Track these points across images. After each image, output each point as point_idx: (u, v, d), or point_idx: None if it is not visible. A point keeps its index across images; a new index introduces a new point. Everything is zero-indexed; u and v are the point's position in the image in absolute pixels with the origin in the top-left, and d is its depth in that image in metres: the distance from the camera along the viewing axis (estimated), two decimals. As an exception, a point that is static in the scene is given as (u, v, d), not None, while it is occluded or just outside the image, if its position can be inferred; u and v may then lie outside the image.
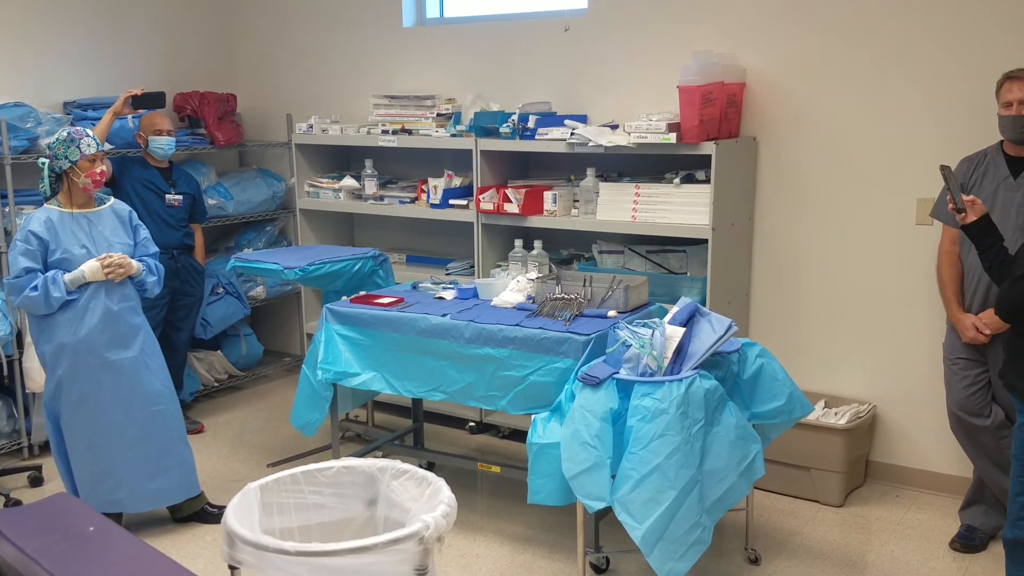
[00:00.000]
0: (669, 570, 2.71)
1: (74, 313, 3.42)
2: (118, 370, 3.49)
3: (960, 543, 3.46)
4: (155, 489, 3.59)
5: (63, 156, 3.40)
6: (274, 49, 5.59)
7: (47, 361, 3.49)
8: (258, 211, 5.37)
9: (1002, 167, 3.26)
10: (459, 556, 3.48)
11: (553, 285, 3.57)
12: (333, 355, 3.66)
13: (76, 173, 3.42)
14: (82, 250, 3.43)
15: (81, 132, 3.44)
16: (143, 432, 3.54)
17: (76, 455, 3.53)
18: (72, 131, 3.42)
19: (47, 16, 4.79)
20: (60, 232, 3.41)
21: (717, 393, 2.86)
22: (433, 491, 2.41)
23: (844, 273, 4.03)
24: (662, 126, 3.82)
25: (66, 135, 3.41)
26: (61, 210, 3.46)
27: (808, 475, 3.84)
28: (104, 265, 3.40)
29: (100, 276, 3.40)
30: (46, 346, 3.47)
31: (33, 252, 3.37)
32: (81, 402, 3.47)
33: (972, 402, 3.35)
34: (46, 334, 3.46)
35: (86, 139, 3.42)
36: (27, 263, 3.35)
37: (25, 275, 3.35)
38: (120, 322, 3.50)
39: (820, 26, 3.92)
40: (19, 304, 3.40)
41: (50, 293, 3.34)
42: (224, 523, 2.25)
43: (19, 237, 3.39)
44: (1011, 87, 3.17)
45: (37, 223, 3.40)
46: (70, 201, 3.48)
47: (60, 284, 3.36)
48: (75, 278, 3.38)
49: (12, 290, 3.37)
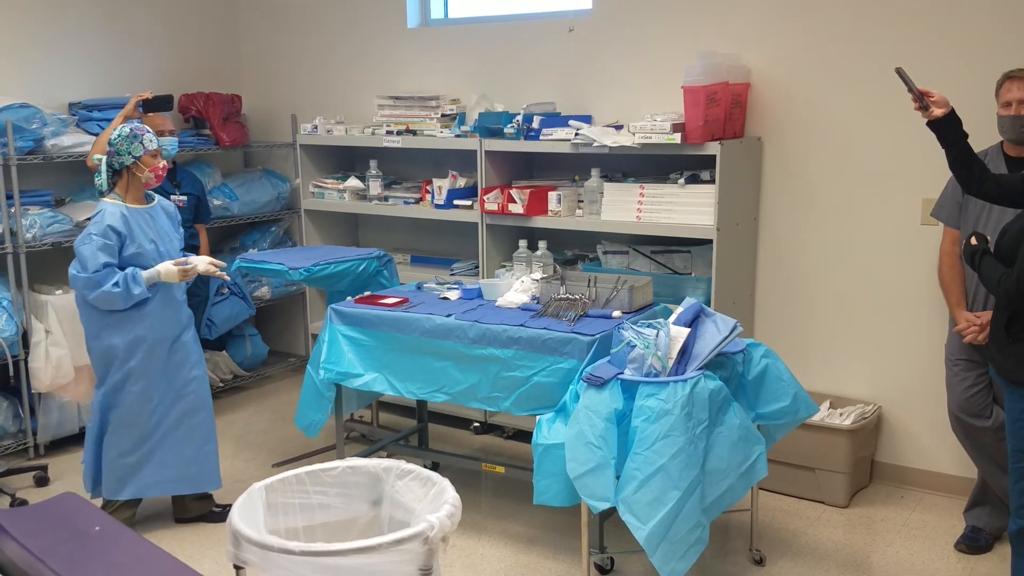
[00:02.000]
0: (671, 570, 2.71)
1: (153, 307, 3.49)
2: (176, 359, 3.59)
3: (965, 544, 3.45)
4: (194, 474, 3.66)
5: (126, 152, 3.44)
6: (279, 50, 5.60)
7: (118, 354, 3.50)
8: (263, 212, 5.38)
9: (1001, 167, 3.25)
10: (463, 556, 3.48)
11: (557, 285, 3.57)
12: (336, 355, 3.66)
13: (140, 168, 3.46)
14: (151, 245, 3.50)
15: (142, 128, 3.48)
16: (183, 418, 3.63)
17: (120, 445, 3.58)
18: (134, 127, 3.47)
19: (52, 17, 4.80)
20: (133, 227, 3.46)
21: (721, 394, 2.85)
22: (438, 491, 2.41)
23: (849, 273, 4.02)
24: (667, 126, 3.82)
25: (128, 131, 3.45)
26: (127, 205, 3.49)
27: (813, 476, 3.83)
28: (183, 271, 3.47)
29: (174, 278, 3.47)
30: (117, 339, 3.48)
31: (111, 247, 3.39)
32: (144, 392, 3.54)
33: (973, 403, 3.35)
34: (119, 328, 3.48)
35: (147, 135, 3.47)
36: (106, 258, 3.37)
37: (103, 270, 3.37)
38: (182, 312, 3.63)
39: (825, 26, 3.92)
40: (94, 299, 3.40)
41: (131, 290, 3.38)
42: (229, 523, 2.25)
43: (96, 232, 3.39)
44: (1011, 87, 3.16)
45: (113, 218, 3.41)
46: (132, 197, 3.51)
47: (140, 281, 3.40)
48: (151, 276, 3.44)
49: (89, 285, 3.37)
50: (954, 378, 3.41)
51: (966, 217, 3.34)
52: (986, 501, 3.46)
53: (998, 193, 2.84)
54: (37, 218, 4.35)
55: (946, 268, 3.43)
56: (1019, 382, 2.70)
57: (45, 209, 4.44)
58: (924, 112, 2.81)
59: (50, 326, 4.35)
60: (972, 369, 3.36)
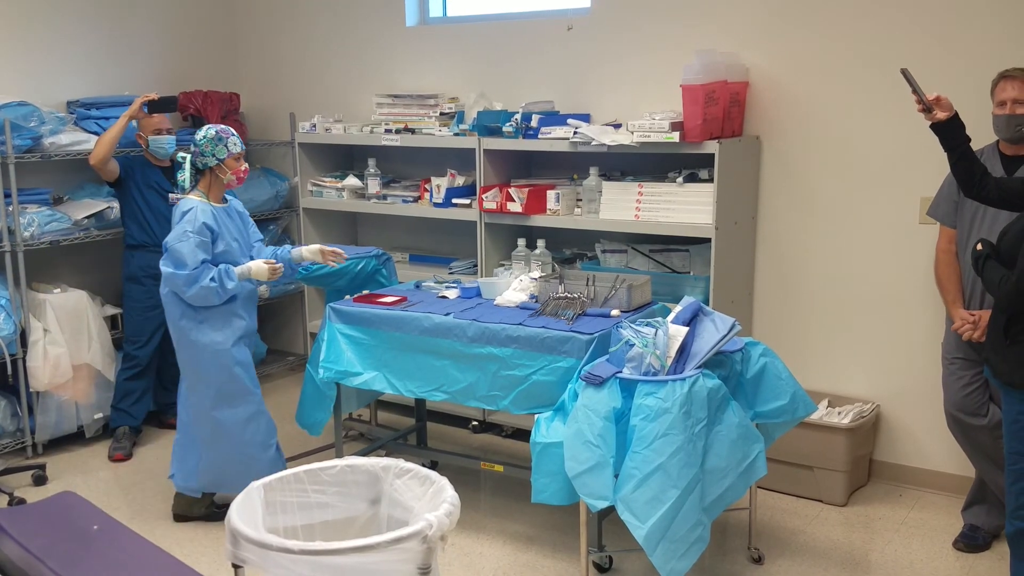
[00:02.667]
0: (671, 569, 2.71)
1: (242, 301, 3.59)
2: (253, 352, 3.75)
3: (964, 543, 3.45)
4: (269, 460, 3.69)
5: (211, 153, 3.51)
6: (277, 48, 5.60)
7: (226, 348, 3.54)
8: (262, 210, 5.37)
9: (997, 167, 3.25)
10: (462, 555, 3.48)
11: (556, 284, 3.57)
12: (335, 354, 3.66)
13: (223, 170, 3.54)
14: (235, 243, 3.59)
15: (228, 131, 3.55)
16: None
17: (257, 436, 3.63)
18: (219, 130, 3.53)
19: (51, 15, 4.79)
20: (220, 225, 3.54)
21: (720, 392, 2.86)
22: (436, 490, 2.41)
23: (848, 272, 4.02)
24: (665, 125, 3.82)
25: (214, 133, 3.51)
26: (212, 204, 3.56)
27: (811, 474, 3.84)
28: (272, 270, 3.53)
29: (264, 276, 3.53)
30: (218, 336, 3.53)
31: (207, 244, 3.48)
32: (252, 382, 3.66)
33: (969, 402, 3.35)
34: (225, 326, 3.54)
35: (232, 138, 3.55)
36: (203, 255, 3.45)
37: (201, 266, 3.43)
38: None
39: (824, 24, 3.92)
40: (192, 295, 3.45)
41: (225, 285, 3.46)
42: (228, 522, 2.25)
43: (192, 229, 3.44)
44: (1005, 86, 3.16)
45: (207, 215, 3.49)
46: (210, 196, 3.58)
47: (233, 276, 3.49)
48: (242, 272, 3.51)
49: (188, 281, 3.42)
50: (950, 376, 3.42)
51: (962, 216, 3.35)
52: (984, 499, 3.47)
53: (998, 197, 2.85)
54: (35, 216, 4.34)
55: (942, 266, 3.43)
56: (1016, 385, 2.70)
57: (43, 207, 4.43)
58: (927, 114, 2.82)
59: (48, 325, 4.35)
60: (968, 368, 3.36)
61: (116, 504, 3.91)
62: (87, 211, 4.53)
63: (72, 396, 4.46)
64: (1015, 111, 3.13)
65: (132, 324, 4.55)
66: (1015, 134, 3.16)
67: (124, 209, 4.53)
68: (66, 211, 4.51)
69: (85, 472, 4.28)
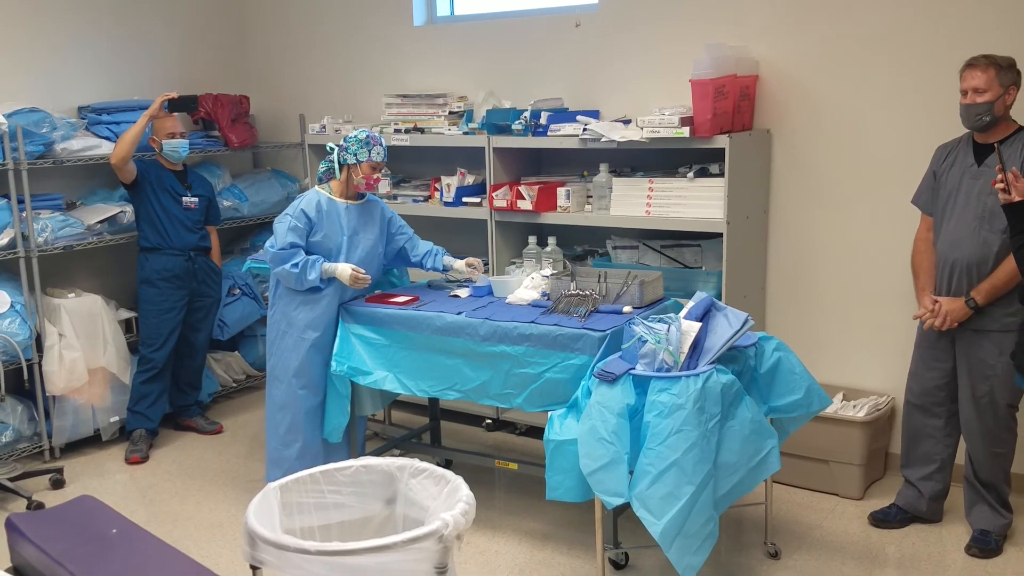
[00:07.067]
0: (687, 564, 2.71)
1: (328, 294, 3.68)
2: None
3: (977, 548, 3.34)
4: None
5: (353, 152, 3.66)
6: (286, 50, 5.61)
7: (314, 326, 3.67)
8: (273, 212, 5.38)
9: (969, 155, 3.27)
10: (478, 554, 3.49)
11: (568, 281, 3.57)
12: (347, 353, 3.67)
13: (357, 171, 3.68)
14: (341, 237, 3.70)
15: (377, 140, 3.69)
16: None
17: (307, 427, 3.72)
18: (371, 136, 3.68)
19: (61, 21, 4.82)
20: (325, 217, 3.67)
21: (734, 388, 2.85)
22: (451, 489, 2.42)
23: (859, 265, 4.00)
24: (675, 120, 3.81)
25: (365, 136, 3.67)
26: (330, 197, 3.70)
27: (827, 468, 3.83)
28: (355, 278, 3.62)
29: (346, 280, 3.62)
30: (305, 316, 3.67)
31: (300, 230, 3.62)
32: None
33: (930, 396, 3.43)
34: (308, 304, 3.66)
35: (378, 147, 3.69)
36: (293, 238, 3.60)
37: (289, 248, 3.58)
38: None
39: (833, 18, 3.90)
40: (276, 272, 3.63)
41: (306, 275, 3.59)
42: (245, 523, 2.26)
43: (291, 212, 3.63)
44: (967, 75, 3.18)
45: (309, 204, 3.66)
46: (342, 191, 3.73)
47: (318, 270, 3.61)
48: (328, 269, 3.63)
49: (275, 259, 3.61)
50: (918, 367, 3.47)
51: (937, 204, 3.39)
52: (982, 499, 3.41)
53: None
54: (48, 222, 4.37)
55: (918, 254, 3.48)
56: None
57: (56, 213, 4.46)
58: (1003, 194, 2.84)
59: (63, 329, 4.37)
60: (937, 361, 3.40)
61: (133, 507, 3.93)
62: (100, 216, 4.55)
63: (88, 399, 4.48)
64: (975, 100, 3.14)
65: (147, 327, 4.57)
66: (976, 123, 3.18)
67: (139, 212, 4.55)
68: (79, 216, 4.53)
69: (102, 475, 4.30)
